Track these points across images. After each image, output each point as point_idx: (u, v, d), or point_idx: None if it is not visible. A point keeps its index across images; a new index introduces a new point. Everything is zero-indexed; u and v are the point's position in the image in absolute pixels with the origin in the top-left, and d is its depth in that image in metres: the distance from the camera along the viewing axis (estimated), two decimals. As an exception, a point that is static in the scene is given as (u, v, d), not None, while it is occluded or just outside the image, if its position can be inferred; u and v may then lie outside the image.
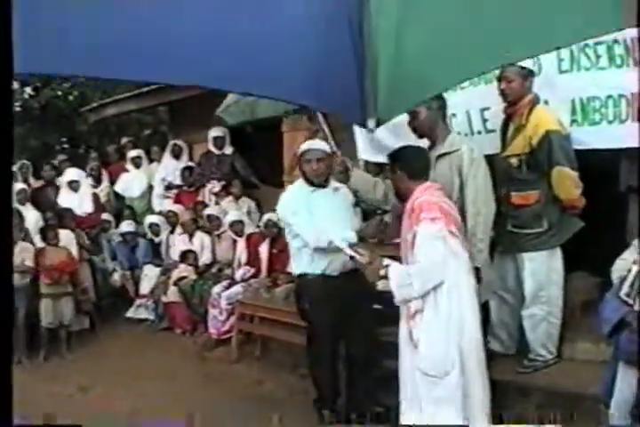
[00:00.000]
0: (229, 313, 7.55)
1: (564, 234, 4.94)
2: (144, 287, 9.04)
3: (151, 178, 10.22)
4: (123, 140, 11.61)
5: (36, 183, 10.31)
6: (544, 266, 4.95)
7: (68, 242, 8.36)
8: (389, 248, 5.40)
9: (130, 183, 10.30)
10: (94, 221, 9.68)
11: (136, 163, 10.39)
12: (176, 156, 10.11)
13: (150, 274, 9.01)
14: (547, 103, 4.98)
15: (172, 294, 8.36)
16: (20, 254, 7.74)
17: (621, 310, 3.43)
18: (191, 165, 9.89)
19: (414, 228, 3.95)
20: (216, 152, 9.38)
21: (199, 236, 8.77)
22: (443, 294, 3.92)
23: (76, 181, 9.79)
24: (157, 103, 10.64)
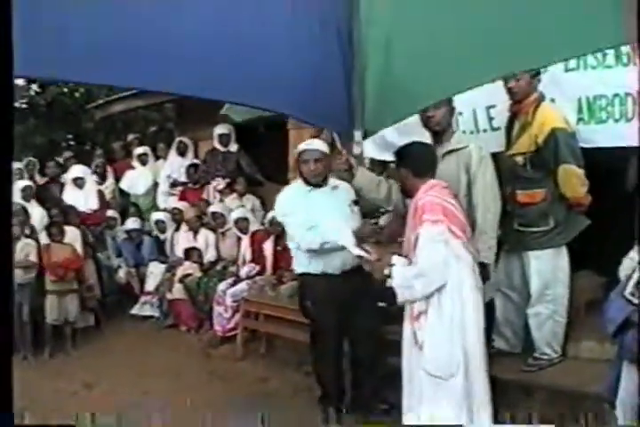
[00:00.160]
0: (234, 310, 7.55)
1: (570, 232, 4.93)
2: (149, 284, 9.05)
3: (156, 175, 10.22)
4: (129, 137, 11.60)
5: (41, 180, 10.33)
6: (550, 264, 4.94)
7: (73, 239, 8.37)
8: (394, 246, 5.39)
9: (135, 180, 10.30)
10: (99, 218, 9.70)
11: (142, 160, 10.38)
12: (181, 153, 10.10)
13: (155, 271, 9.01)
14: (553, 101, 4.97)
15: (177, 292, 8.37)
16: (23, 250, 7.77)
17: (626, 309, 3.40)
18: (196, 162, 9.88)
19: (417, 229, 3.95)
20: (221, 149, 9.37)
21: (204, 233, 8.77)
22: (446, 296, 3.92)
23: (81, 178, 9.80)
24: (164, 100, 10.61)
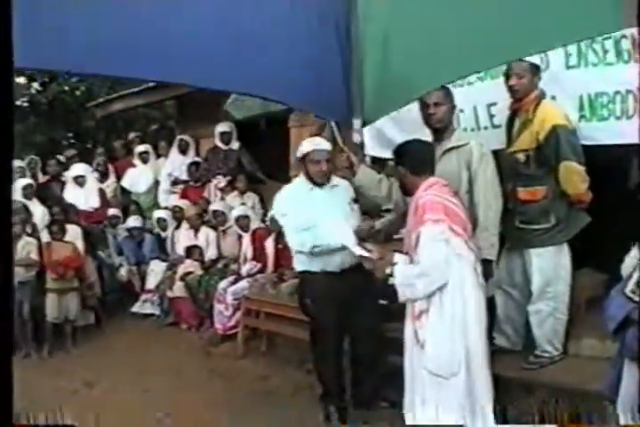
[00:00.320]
0: (235, 308, 7.55)
1: (571, 229, 4.92)
2: (150, 282, 9.06)
3: (157, 173, 10.22)
4: (130, 136, 11.60)
5: (42, 178, 10.32)
6: (551, 262, 4.93)
7: (74, 237, 8.38)
8: (396, 243, 5.39)
9: (136, 178, 10.30)
10: (100, 217, 9.72)
11: (143, 158, 10.37)
12: (183, 151, 10.10)
13: (156, 269, 9.02)
14: (554, 99, 4.96)
15: (177, 290, 8.37)
16: (25, 248, 7.80)
17: (627, 307, 3.40)
18: (197, 160, 9.88)
19: (418, 228, 3.94)
20: (223, 147, 9.37)
21: (204, 231, 8.77)
22: (447, 295, 3.91)
23: (82, 176, 9.80)
24: (165, 98, 10.62)
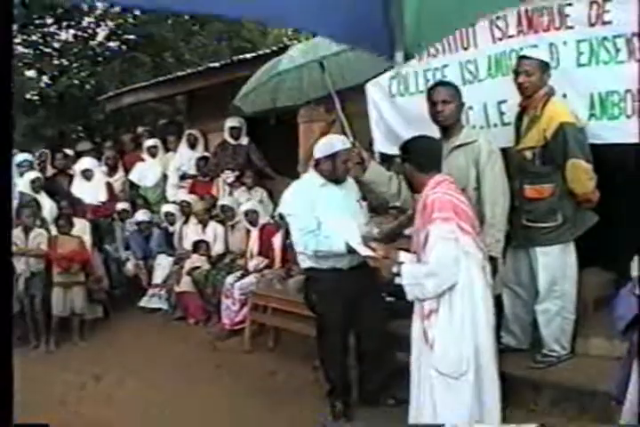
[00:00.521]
0: (243, 304, 7.55)
1: (578, 228, 4.91)
2: (157, 277, 9.06)
3: (166, 167, 10.20)
4: (139, 130, 11.61)
5: (50, 172, 10.31)
6: (558, 261, 4.92)
7: (82, 231, 8.39)
8: (402, 241, 5.39)
9: (145, 173, 10.28)
10: (108, 210, 9.73)
11: (152, 152, 10.35)
12: (192, 145, 10.08)
13: (163, 263, 9.02)
14: (565, 97, 4.94)
15: (184, 284, 8.37)
16: (36, 239, 7.87)
17: (636, 307, 3.40)
18: (206, 155, 9.87)
19: (427, 227, 3.92)
20: (232, 142, 9.36)
21: (212, 226, 8.78)
22: (457, 295, 3.89)
23: (90, 170, 9.81)
24: (175, 92, 10.63)
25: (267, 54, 7.46)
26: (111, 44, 15.86)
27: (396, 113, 6.32)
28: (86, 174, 9.76)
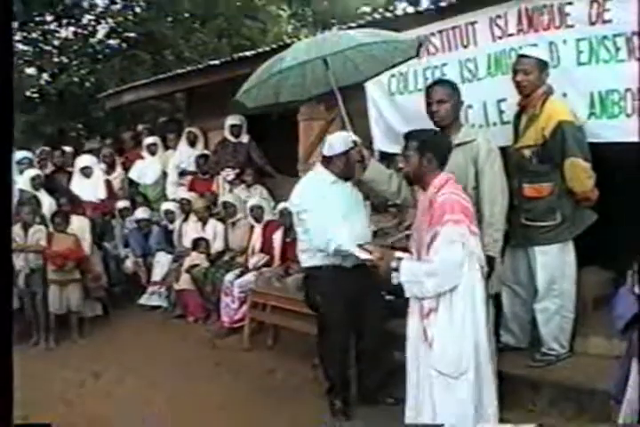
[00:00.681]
0: (242, 301, 7.55)
1: (577, 227, 4.91)
2: (156, 274, 9.05)
3: (165, 165, 10.18)
4: (139, 128, 11.59)
5: (48, 170, 10.31)
6: (557, 259, 4.92)
7: (82, 228, 8.38)
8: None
9: (144, 170, 10.26)
10: (107, 208, 9.73)
11: (151, 150, 10.32)
12: (191, 143, 10.06)
13: (162, 261, 9.01)
14: (565, 96, 4.94)
15: (184, 282, 8.37)
16: (34, 235, 7.87)
17: (636, 306, 3.40)
18: (206, 152, 9.86)
19: (436, 227, 3.85)
20: (232, 140, 9.33)
21: (212, 223, 8.77)
22: (458, 295, 3.87)
23: (89, 168, 9.80)
24: (175, 90, 10.61)
25: (266, 52, 7.44)
26: (111, 41, 15.83)
27: (395, 111, 6.32)
28: (85, 172, 9.75)
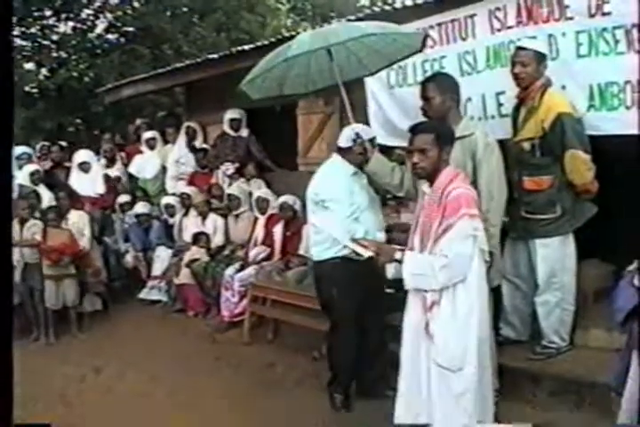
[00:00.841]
0: (242, 295, 7.54)
1: (577, 219, 4.91)
2: (156, 269, 9.04)
3: (165, 159, 10.16)
4: (137, 122, 11.57)
5: (48, 165, 10.30)
6: (557, 252, 4.92)
7: (82, 223, 8.37)
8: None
9: (143, 165, 10.23)
10: (106, 203, 9.73)
11: (150, 144, 10.30)
12: (190, 138, 10.06)
13: (163, 255, 9.01)
14: (564, 88, 4.93)
15: (184, 276, 8.36)
16: (30, 229, 7.84)
17: (636, 298, 3.40)
18: (205, 146, 9.84)
19: (449, 220, 3.80)
20: (232, 134, 9.30)
21: (212, 218, 8.75)
22: (462, 288, 3.85)
23: (87, 163, 9.82)
24: (174, 84, 10.59)
25: (265, 46, 7.44)
26: (110, 36, 15.85)
27: (394, 104, 6.32)
28: (83, 167, 9.77)
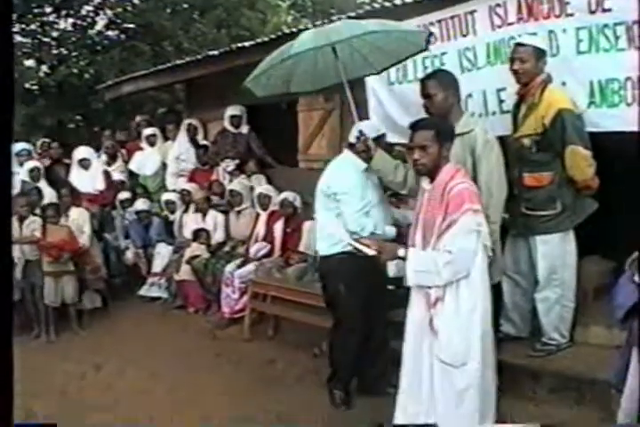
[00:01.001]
0: (242, 292, 7.54)
1: (578, 216, 4.90)
2: (156, 265, 9.05)
3: (165, 156, 10.14)
4: (137, 119, 11.56)
5: (47, 162, 10.29)
6: (557, 249, 4.91)
7: (83, 220, 8.38)
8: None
9: (144, 161, 10.22)
10: (106, 199, 9.73)
11: (151, 141, 10.29)
12: (191, 134, 10.05)
13: (163, 252, 9.01)
14: (564, 84, 4.92)
15: (184, 273, 8.36)
16: (29, 227, 7.84)
17: (635, 295, 3.40)
18: (205, 143, 9.83)
19: (453, 216, 3.81)
20: (232, 131, 9.28)
21: (212, 214, 8.75)
22: (467, 284, 3.85)
23: (87, 159, 9.81)
24: (174, 81, 10.58)
25: (266, 42, 7.43)
26: (110, 32, 15.83)
27: (394, 100, 6.31)
28: (83, 163, 9.76)
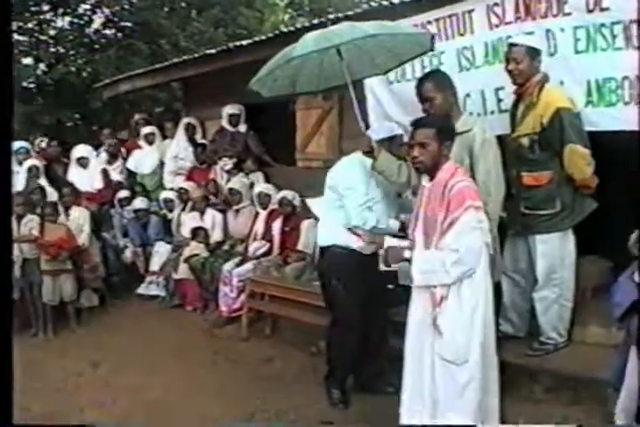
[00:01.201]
0: (240, 291, 7.54)
1: (577, 215, 4.90)
2: (154, 264, 9.04)
3: (163, 155, 10.14)
4: (135, 117, 11.55)
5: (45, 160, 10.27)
6: (556, 248, 4.92)
7: (83, 219, 8.38)
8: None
9: (142, 160, 10.22)
10: (104, 198, 9.72)
11: (149, 139, 10.29)
12: (190, 133, 10.05)
13: (161, 250, 9.02)
14: (562, 84, 4.92)
15: (182, 272, 8.37)
16: (27, 225, 7.83)
17: (633, 294, 3.41)
18: (203, 142, 9.83)
19: (454, 213, 3.79)
20: (230, 129, 9.28)
21: (210, 213, 8.75)
22: (471, 283, 3.85)
23: (85, 158, 9.81)
24: (171, 79, 10.57)
25: (263, 41, 7.43)
26: (107, 31, 15.82)
27: (392, 99, 6.31)
28: (82, 162, 9.76)
